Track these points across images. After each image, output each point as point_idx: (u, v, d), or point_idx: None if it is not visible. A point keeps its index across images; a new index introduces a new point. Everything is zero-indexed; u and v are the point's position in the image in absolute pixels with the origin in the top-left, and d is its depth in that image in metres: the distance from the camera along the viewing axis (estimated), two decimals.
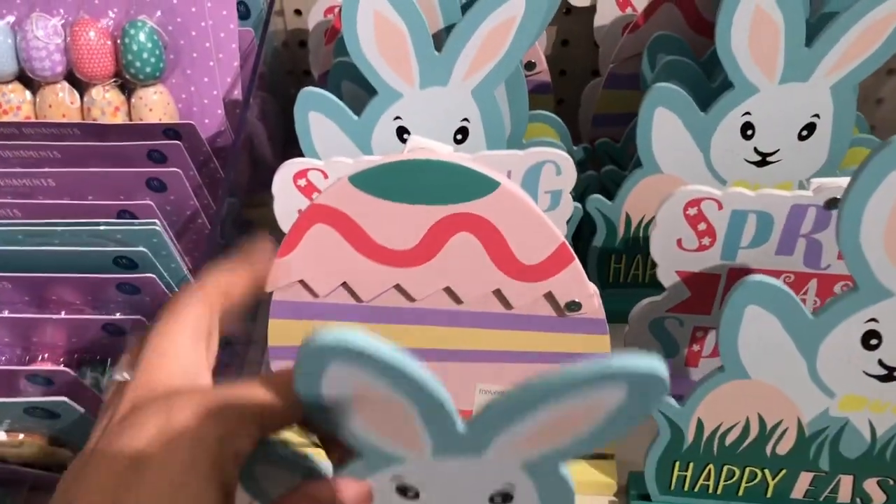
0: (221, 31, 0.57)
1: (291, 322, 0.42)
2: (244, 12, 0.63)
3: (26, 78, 0.55)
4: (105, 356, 0.44)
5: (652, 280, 0.48)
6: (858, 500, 0.42)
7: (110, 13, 0.54)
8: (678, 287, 0.47)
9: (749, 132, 0.48)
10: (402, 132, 0.49)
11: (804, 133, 0.49)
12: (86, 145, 0.51)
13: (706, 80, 0.51)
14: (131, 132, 0.52)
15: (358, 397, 0.24)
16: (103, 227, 0.43)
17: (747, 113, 0.47)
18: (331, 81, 0.53)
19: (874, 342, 0.36)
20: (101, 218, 0.46)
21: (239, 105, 0.57)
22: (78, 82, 0.55)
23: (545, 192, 0.48)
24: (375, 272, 0.39)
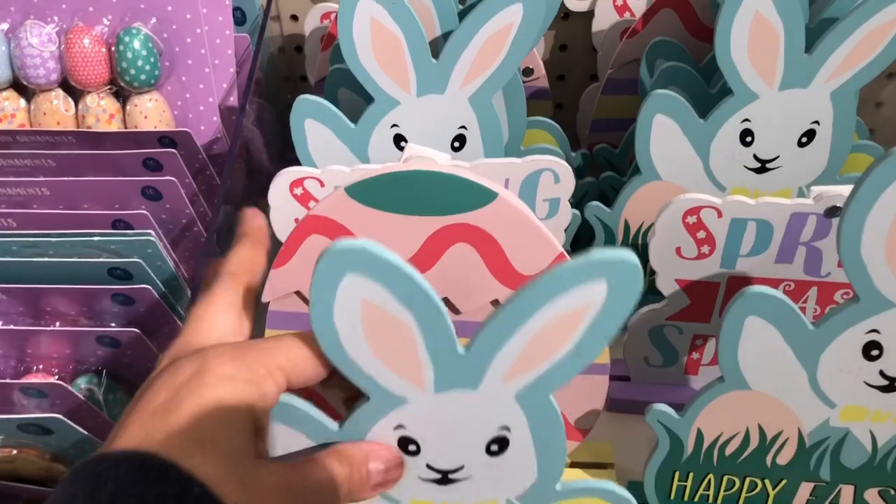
0: (217, 38, 0.56)
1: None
2: (240, 18, 0.62)
3: (20, 85, 0.54)
4: (100, 368, 0.44)
5: (651, 287, 0.48)
6: None
7: (105, 20, 0.54)
8: (677, 295, 0.47)
9: (748, 139, 0.48)
10: (399, 140, 0.49)
11: (804, 140, 0.48)
12: (80, 154, 0.50)
13: (705, 87, 0.51)
14: (126, 140, 0.52)
15: (366, 317, 0.26)
16: (97, 238, 0.43)
17: (747, 119, 0.47)
18: (327, 88, 0.53)
19: (875, 353, 0.36)
20: (96, 227, 0.46)
21: (235, 112, 0.57)
22: (73, 90, 0.54)
23: (543, 200, 0.47)
24: None
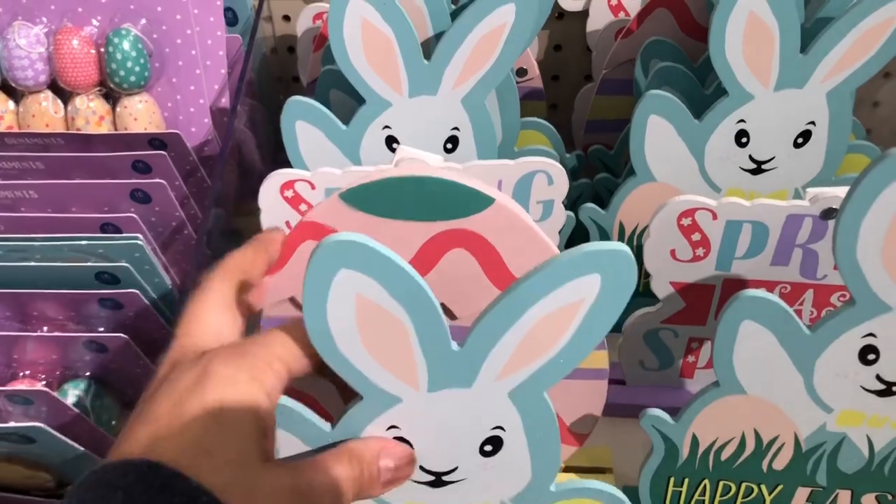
0: (208, 38, 0.56)
1: None
2: (232, 18, 0.62)
3: (9, 87, 0.54)
4: (88, 374, 0.43)
5: (646, 289, 0.47)
6: None
7: (94, 21, 0.53)
8: (672, 298, 0.46)
9: (744, 140, 0.47)
10: (391, 142, 0.48)
11: (800, 140, 0.48)
12: (69, 156, 0.50)
13: (700, 87, 0.51)
14: (116, 142, 0.52)
15: (360, 313, 0.26)
16: (84, 242, 0.42)
17: (742, 120, 0.47)
18: (318, 90, 0.52)
19: (872, 357, 0.36)
20: (84, 231, 0.45)
21: (227, 113, 0.57)
22: (62, 91, 0.54)
23: (537, 202, 0.47)
24: None
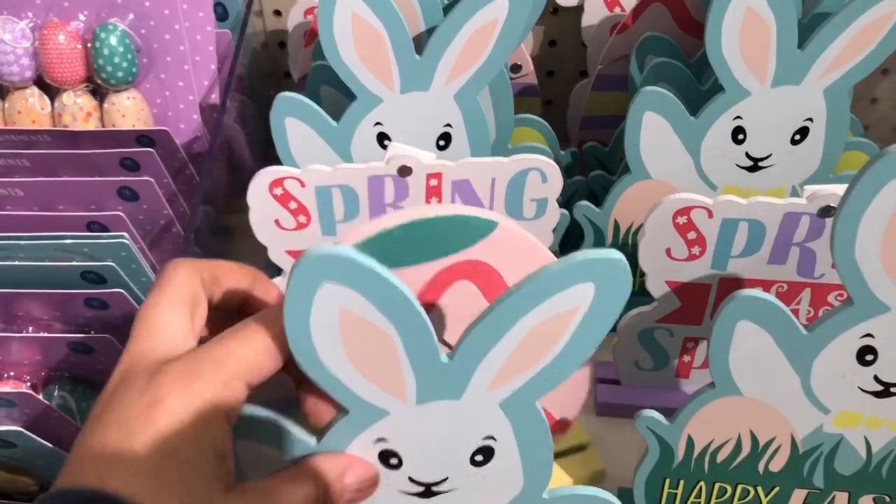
0: (197, 34, 0.55)
1: None
2: (222, 13, 0.61)
3: None
4: (74, 375, 0.43)
5: (641, 288, 0.47)
6: None
7: (80, 16, 0.52)
8: (668, 297, 0.46)
9: (740, 137, 0.47)
10: (383, 138, 0.48)
11: (797, 137, 0.47)
12: (56, 153, 0.49)
13: (696, 83, 0.50)
14: (103, 139, 0.51)
15: (345, 327, 0.24)
16: (69, 241, 0.41)
17: (738, 117, 0.46)
18: (309, 85, 0.52)
19: (870, 358, 0.35)
20: (70, 229, 0.44)
21: (216, 109, 0.56)
22: (48, 87, 0.53)
23: (531, 200, 0.46)
24: None
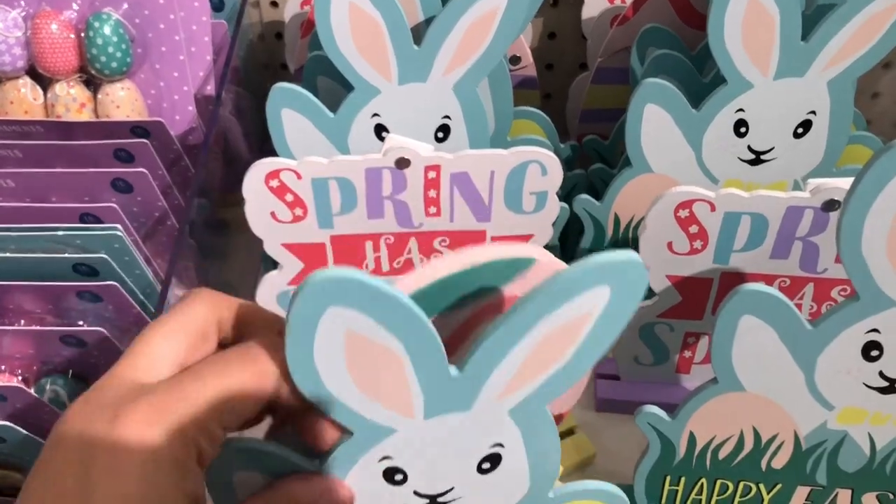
0: (193, 24, 0.54)
1: None
2: (218, 4, 0.60)
3: None
4: (66, 368, 0.42)
5: None
6: None
7: (74, 5, 0.51)
8: (669, 291, 0.45)
9: (742, 129, 0.46)
10: (381, 130, 0.47)
11: (800, 130, 0.47)
12: (49, 144, 0.48)
13: (698, 75, 0.49)
14: (97, 130, 0.50)
15: (350, 349, 0.23)
16: (62, 233, 0.41)
17: (741, 109, 0.46)
18: (306, 76, 0.51)
19: (875, 353, 0.35)
20: (63, 221, 0.44)
21: (211, 101, 0.55)
22: (41, 77, 0.52)
23: (530, 193, 0.45)
24: None
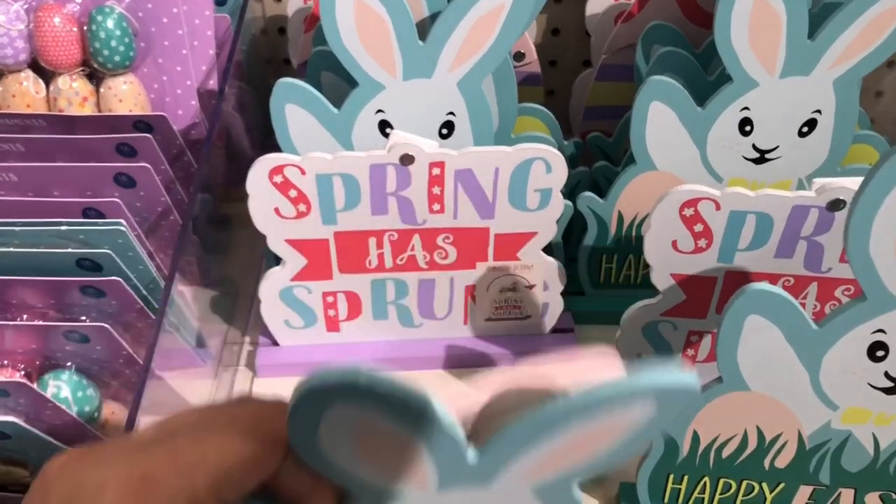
0: (196, 18, 0.54)
1: None
2: None
3: None
4: (69, 364, 0.42)
5: (644, 280, 0.46)
6: None
7: None
8: (673, 290, 0.45)
9: (747, 128, 0.46)
10: (385, 126, 0.47)
11: (805, 129, 0.47)
12: (51, 138, 0.48)
13: (703, 73, 0.49)
14: (100, 124, 0.50)
15: (360, 435, 0.21)
16: (65, 228, 0.40)
17: (746, 108, 0.45)
18: (310, 72, 0.51)
19: (881, 353, 0.35)
20: (65, 216, 0.43)
21: (214, 95, 0.55)
22: (43, 71, 0.52)
23: (534, 190, 0.45)
24: None
